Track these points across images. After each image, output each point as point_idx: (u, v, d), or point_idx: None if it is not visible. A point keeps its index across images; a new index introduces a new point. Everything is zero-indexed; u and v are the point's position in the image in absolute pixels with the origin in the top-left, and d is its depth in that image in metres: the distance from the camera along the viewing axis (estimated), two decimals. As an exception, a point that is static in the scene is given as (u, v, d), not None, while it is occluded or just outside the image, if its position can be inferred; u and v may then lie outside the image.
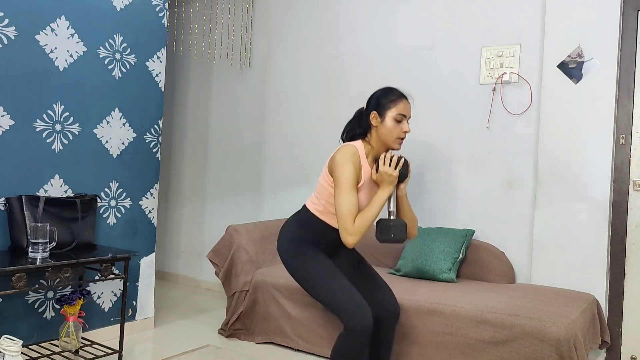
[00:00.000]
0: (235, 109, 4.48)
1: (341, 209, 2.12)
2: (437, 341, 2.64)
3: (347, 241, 2.11)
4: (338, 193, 2.14)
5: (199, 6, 4.64)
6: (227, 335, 3.26)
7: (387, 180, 2.16)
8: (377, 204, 2.15)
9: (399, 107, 2.24)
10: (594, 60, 2.97)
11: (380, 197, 2.16)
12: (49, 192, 2.83)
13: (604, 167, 2.94)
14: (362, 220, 2.11)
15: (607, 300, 2.96)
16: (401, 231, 2.20)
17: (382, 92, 2.30)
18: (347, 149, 2.21)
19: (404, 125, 2.26)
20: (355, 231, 2.10)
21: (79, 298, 2.71)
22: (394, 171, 2.16)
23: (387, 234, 2.19)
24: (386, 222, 2.21)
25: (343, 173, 2.14)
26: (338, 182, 2.15)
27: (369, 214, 2.12)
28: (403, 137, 2.27)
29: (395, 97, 2.26)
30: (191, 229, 4.72)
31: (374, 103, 2.28)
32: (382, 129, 2.24)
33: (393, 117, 2.23)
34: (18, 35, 2.66)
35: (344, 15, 3.92)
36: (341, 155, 2.18)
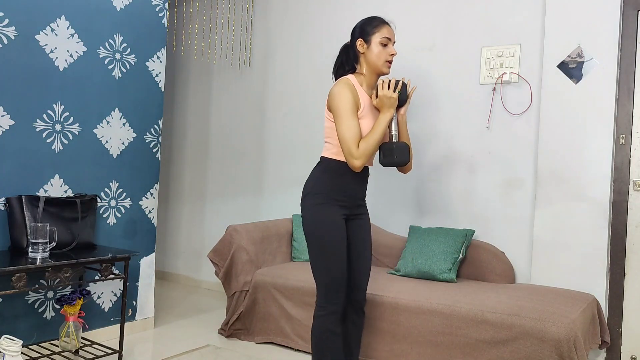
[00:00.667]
0: (235, 109, 4.48)
1: (344, 135, 2.16)
2: (437, 341, 2.64)
3: (354, 164, 2.16)
4: (339, 121, 2.18)
5: (199, 6, 4.64)
6: (227, 335, 3.26)
7: (388, 104, 2.21)
8: (380, 128, 2.19)
9: (383, 32, 2.30)
10: (594, 60, 2.97)
11: (382, 120, 2.21)
12: (49, 192, 2.83)
13: (604, 167, 2.94)
14: (367, 143, 2.16)
15: (607, 300, 2.96)
16: (404, 153, 2.25)
17: (364, 20, 2.37)
18: (341, 81, 2.26)
19: (390, 48, 2.31)
20: (361, 154, 2.15)
21: (79, 298, 2.71)
22: (393, 94, 2.21)
23: (391, 156, 2.25)
24: (389, 144, 2.26)
25: (341, 101, 2.19)
26: (337, 111, 2.19)
27: (372, 137, 2.18)
28: (391, 60, 2.32)
29: (378, 23, 2.33)
30: (191, 229, 4.72)
31: (358, 31, 2.34)
32: (370, 54, 2.29)
33: (378, 41, 2.29)
34: (18, 35, 2.66)
35: (344, 15, 3.92)
36: (337, 87, 2.23)
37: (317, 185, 2.31)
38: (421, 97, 3.57)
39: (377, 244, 3.47)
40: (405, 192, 3.61)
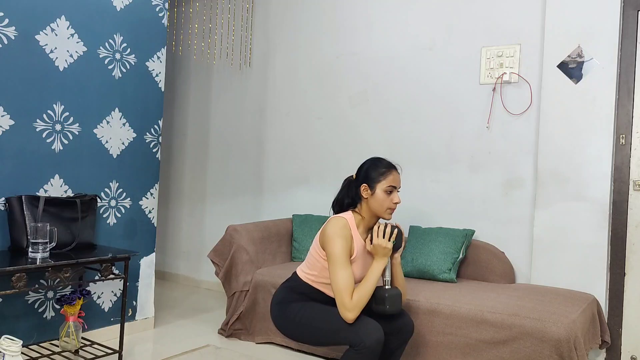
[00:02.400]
0: (235, 109, 4.47)
1: (338, 286, 2.11)
2: (437, 341, 2.64)
3: (347, 317, 2.09)
4: (333, 269, 2.14)
5: (199, 6, 4.64)
6: (227, 335, 3.26)
7: (382, 253, 2.17)
8: (374, 277, 2.14)
9: (389, 179, 2.26)
10: (594, 60, 2.97)
11: (376, 269, 2.16)
12: (49, 192, 2.83)
13: (604, 167, 2.94)
14: (360, 294, 2.10)
15: (607, 300, 2.96)
16: (397, 302, 2.21)
17: (371, 163, 2.32)
18: (338, 222, 2.21)
19: (394, 196, 2.27)
20: (354, 307, 2.08)
21: (79, 298, 2.71)
22: (388, 243, 2.17)
23: (383, 305, 2.20)
24: (381, 292, 2.21)
25: (335, 248, 2.14)
26: (331, 257, 2.15)
27: (366, 288, 2.12)
28: (393, 208, 2.28)
29: (385, 170, 2.28)
30: (191, 229, 4.72)
31: (363, 176, 2.29)
32: (373, 201, 2.25)
33: (383, 189, 2.25)
34: (18, 35, 2.66)
35: (344, 15, 3.92)
36: (332, 229, 2.18)
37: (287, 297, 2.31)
38: (421, 97, 3.57)
39: (377, 244, 3.47)
40: (405, 192, 3.60)
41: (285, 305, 2.30)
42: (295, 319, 2.25)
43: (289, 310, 2.28)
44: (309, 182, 4.02)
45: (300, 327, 2.25)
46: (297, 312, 2.25)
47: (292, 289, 2.34)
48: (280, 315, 2.31)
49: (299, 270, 2.36)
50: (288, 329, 2.30)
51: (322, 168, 3.98)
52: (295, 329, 2.27)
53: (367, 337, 2.04)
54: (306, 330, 2.24)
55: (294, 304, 2.28)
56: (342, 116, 3.90)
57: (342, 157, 3.88)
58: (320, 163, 3.99)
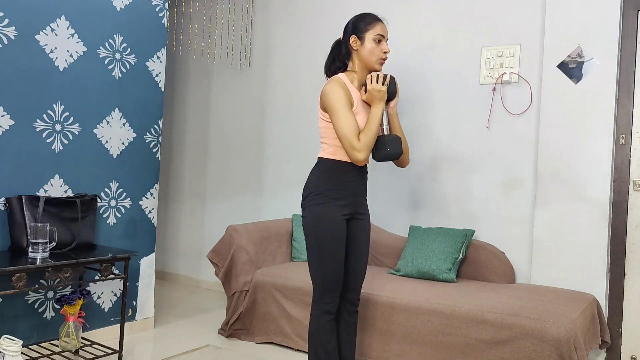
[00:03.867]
0: (235, 109, 4.48)
1: (343, 130, 2.17)
2: (437, 341, 2.64)
3: (357, 157, 2.17)
4: (336, 118, 2.19)
5: (199, 6, 4.64)
6: (227, 335, 3.26)
7: (377, 97, 2.22)
8: (375, 120, 2.21)
9: (377, 29, 2.31)
10: (594, 60, 2.97)
11: (375, 113, 2.22)
12: (49, 192, 2.83)
13: (604, 167, 2.94)
14: (366, 135, 2.18)
15: (607, 300, 2.96)
16: (397, 144, 2.26)
17: (357, 17, 2.37)
18: (332, 80, 2.27)
19: (383, 45, 2.32)
20: (363, 146, 2.16)
21: (79, 298, 2.71)
22: (382, 87, 2.22)
23: (384, 148, 2.25)
24: (381, 137, 2.26)
25: (335, 98, 2.20)
26: (333, 108, 2.19)
27: (370, 129, 2.19)
28: (384, 58, 2.32)
29: (372, 20, 2.34)
30: (191, 229, 4.72)
31: (351, 28, 2.35)
32: (363, 50, 2.30)
33: (372, 38, 2.30)
34: (18, 35, 2.66)
35: (344, 15, 3.91)
36: (328, 86, 2.24)
37: (317, 186, 2.30)
38: (421, 97, 3.57)
39: (377, 244, 3.47)
40: (405, 192, 3.61)
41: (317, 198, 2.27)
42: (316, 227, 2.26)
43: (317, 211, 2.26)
44: (309, 182, 4.02)
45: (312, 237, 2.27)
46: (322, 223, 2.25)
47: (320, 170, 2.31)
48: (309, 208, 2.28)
49: (320, 152, 2.36)
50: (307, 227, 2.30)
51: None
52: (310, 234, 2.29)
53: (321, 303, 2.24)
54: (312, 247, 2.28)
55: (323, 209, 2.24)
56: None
57: (342, 157, 3.87)
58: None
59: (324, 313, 2.26)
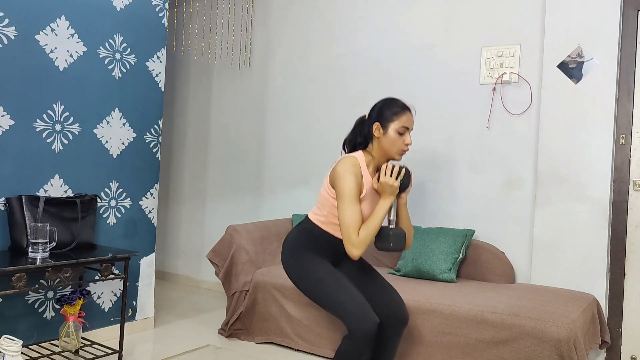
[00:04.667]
0: (235, 109, 4.48)
1: (345, 221, 2.11)
2: (437, 341, 2.64)
3: (353, 253, 2.10)
4: (341, 205, 2.13)
5: (199, 6, 4.64)
6: (227, 335, 3.26)
7: (389, 191, 2.16)
8: (380, 215, 2.14)
9: (402, 120, 2.23)
10: (594, 60, 2.97)
11: (382, 207, 2.15)
12: (49, 192, 2.83)
13: (604, 167, 2.94)
14: (366, 231, 2.11)
15: (607, 300, 2.96)
16: (400, 241, 2.21)
17: (385, 102, 2.29)
18: (348, 160, 2.19)
19: (407, 137, 2.24)
20: (360, 243, 2.09)
21: (79, 298, 2.71)
22: (395, 181, 2.15)
23: (387, 242, 2.20)
24: (386, 230, 2.21)
25: (345, 185, 2.13)
26: (341, 194, 2.14)
27: (372, 225, 2.12)
28: (405, 150, 2.26)
29: (399, 109, 2.25)
30: (191, 229, 4.72)
31: (377, 114, 2.27)
32: (385, 140, 2.23)
33: (396, 129, 2.22)
34: (18, 35, 2.66)
35: (344, 15, 3.92)
36: (342, 167, 2.17)
37: (298, 241, 2.30)
38: (421, 96, 3.57)
39: (377, 244, 3.47)
40: (405, 192, 3.61)
41: (298, 252, 2.28)
42: (304, 270, 2.24)
43: (302, 258, 2.26)
44: (309, 182, 4.02)
45: (307, 281, 2.24)
46: (308, 265, 2.24)
47: (303, 231, 2.32)
48: (292, 261, 2.29)
49: (310, 213, 2.36)
50: (296, 277, 2.28)
51: (322, 168, 3.97)
52: (302, 280, 2.26)
53: (359, 323, 2.05)
54: (311, 288, 2.23)
55: (307, 254, 2.26)
56: (342, 116, 3.89)
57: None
58: (320, 163, 3.98)
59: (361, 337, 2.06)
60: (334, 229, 2.26)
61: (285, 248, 2.35)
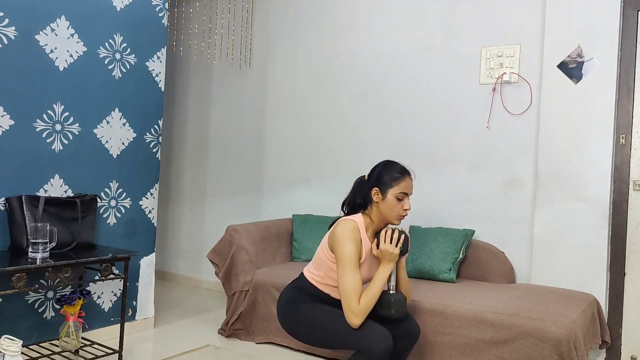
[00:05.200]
0: (235, 109, 4.47)
1: (346, 290, 2.10)
2: (437, 341, 2.64)
3: (352, 322, 2.08)
4: (341, 272, 2.12)
5: (199, 6, 4.64)
6: (227, 335, 3.26)
7: (389, 258, 2.16)
8: (380, 282, 2.14)
9: (401, 186, 2.24)
10: (594, 60, 2.97)
11: (382, 274, 2.15)
12: (49, 192, 2.83)
13: (604, 167, 2.94)
14: (367, 299, 2.10)
15: (607, 300, 2.96)
16: (401, 307, 2.21)
17: (384, 166, 2.29)
18: (348, 225, 2.19)
19: (405, 203, 2.25)
20: (361, 312, 2.08)
21: (79, 298, 2.71)
22: (395, 249, 2.16)
23: (388, 309, 2.20)
24: (387, 297, 2.20)
25: (345, 252, 2.13)
26: (341, 261, 2.13)
27: (372, 293, 2.11)
28: (404, 215, 2.26)
29: (398, 175, 2.25)
30: (191, 229, 4.72)
31: (375, 179, 2.27)
32: (383, 205, 2.23)
33: (395, 195, 2.22)
34: (18, 35, 2.66)
35: (344, 15, 3.92)
36: (342, 232, 2.17)
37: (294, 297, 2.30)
38: (421, 97, 3.57)
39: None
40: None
41: (293, 305, 2.29)
42: (304, 318, 2.23)
43: (297, 310, 2.26)
44: (309, 182, 4.02)
45: (309, 327, 2.23)
46: (306, 312, 2.24)
47: (300, 289, 2.32)
48: (288, 315, 2.29)
49: (306, 271, 2.35)
50: (296, 329, 2.28)
51: (322, 168, 3.98)
52: (303, 329, 2.25)
53: (376, 345, 2.02)
54: (315, 331, 2.22)
55: (302, 305, 2.27)
56: (341, 116, 3.90)
57: (341, 157, 3.88)
58: (320, 163, 3.99)
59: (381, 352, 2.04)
60: (331, 290, 2.27)
61: (281, 303, 2.34)
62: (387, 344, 2.05)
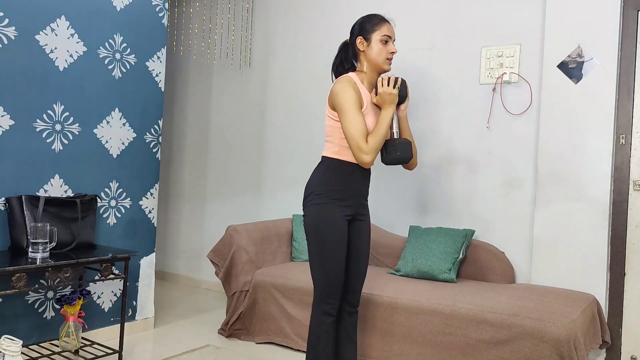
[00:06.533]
0: (235, 109, 4.48)
1: (351, 131, 2.16)
2: (437, 341, 2.64)
3: (364, 160, 2.17)
4: (345, 118, 2.18)
5: (199, 6, 4.64)
6: (227, 335, 3.26)
7: (388, 100, 2.23)
8: (384, 123, 2.21)
9: (383, 29, 2.31)
10: (594, 60, 2.97)
11: (385, 116, 2.22)
12: (49, 192, 2.83)
13: (604, 167, 2.94)
14: (374, 138, 2.18)
15: (607, 300, 2.96)
16: (407, 149, 2.26)
17: (364, 18, 2.37)
18: (343, 79, 2.26)
19: (390, 45, 2.32)
20: (370, 149, 2.16)
21: (79, 298, 2.71)
22: (393, 90, 2.23)
23: (394, 152, 2.25)
24: (391, 142, 2.27)
25: (345, 98, 2.19)
26: (342, 108, 2.19)
27: (378, 132, 2.19)
28: (391, 57, 2.33)
29: (378, 21, 2.33)
30: (191, 229, 4.72)
31: (358, 29, 2.34)
32: (370, 51, 2.30)
33: (378, 39, 2.30)
34: (18, 35, 2.66)
35: (344, 15, 3.92)
36: (339, 85, 2.24)
37: (319, 184, 2.30)
38: (421, 97, 3.57)
39: (377, 244, 3.47)
40: (405, 192, 3.61)
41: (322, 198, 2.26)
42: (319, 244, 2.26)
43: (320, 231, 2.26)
44: (309, 182, 4.02)
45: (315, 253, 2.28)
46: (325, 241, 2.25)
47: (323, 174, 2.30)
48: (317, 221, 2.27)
49: (324, 151, 2.36)
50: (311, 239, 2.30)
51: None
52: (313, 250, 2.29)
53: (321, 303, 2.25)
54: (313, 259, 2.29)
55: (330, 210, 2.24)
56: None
57: (342, 157, 3.87)
58: (320, 163, 3.98)
59: (324, 314, 2.26)
60: (348, 154, 2.26)
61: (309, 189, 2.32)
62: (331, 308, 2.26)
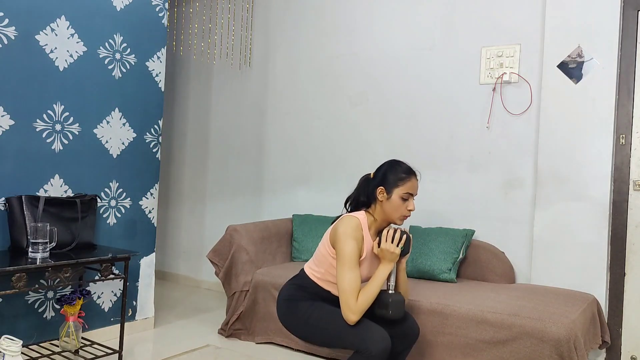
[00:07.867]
0: (235, 109, 4.48)
1: (344, 286, 2.09)
2: (437, 341, 2.64)
3: (349, 318, 2.08)
4: (341, 269, 2.12)
5: (199, 6, 4.64)
6: (227, 335, 3.26)
7: (389, 258, 2.17)
8: (379, 281, 2.13)
9: (407, 186, 2.23)
10: (594, 60, 2.97)
11: (382, 273, 2.15)
12: (49, 192, 2.83)
13: (604, 167, 2.94)
14: (365, 297, 2.09)
15: (607, 300, 2.96)
16: (399, 308, 2.20)
17: (390, 166, 2.29)
18: (351, 222, 2.18)
19: (410, 203, 2.25)
20: (358, 309, 2.08)
21: (79, 298, 2.71)
22: (396, 249, 2.16)
23: (386, 309, 2.19)
24: (385, 296, 2.20)
25: (346, 249, 2.12)
26: (341, 258, 2.13)
27: (370, 291, 2.11)
28: (407, 215, 2.26)
29: (404, 175, 2.24)
30: (191, 229, 4.72)
31: (381, 178, 2.26)
32: (388, 205, 2.23)
33: (400, 195, 2.22)
34: (18, 35, 2.66)
35: (344, 15, 3.92)
36: (344, 229, 2.16)
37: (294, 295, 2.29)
38: (421, 97, 3.57)
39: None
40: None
41: (293, 303, 2.28)
42: (303, 317, 2.23)
43: (297, 308, 2.26)
44: (309, 182, 4.02)
45: (307, 326, 2.23)
46: (305, 310, 2.23)
47: (300, 287, 2.32)
48: (288, 312, 2.29)
49: (307, 267, 2.35)
50: (295, 327, 2.28)
51: (322, 168, 3.98)
52: (302, 327, 2.25)
53: (374, 345, 2.02)
54: (314, 330, 2.22)
55: (302, 302, 2.27)
56: (342, 116, 3.90)
57: (342, 156, 3.88)
58: (320, 163, 3.99)
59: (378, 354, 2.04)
60: (332, 287, 2.26)
61: (280, 301, 2.34)
62: (385, 345, 2.04)
